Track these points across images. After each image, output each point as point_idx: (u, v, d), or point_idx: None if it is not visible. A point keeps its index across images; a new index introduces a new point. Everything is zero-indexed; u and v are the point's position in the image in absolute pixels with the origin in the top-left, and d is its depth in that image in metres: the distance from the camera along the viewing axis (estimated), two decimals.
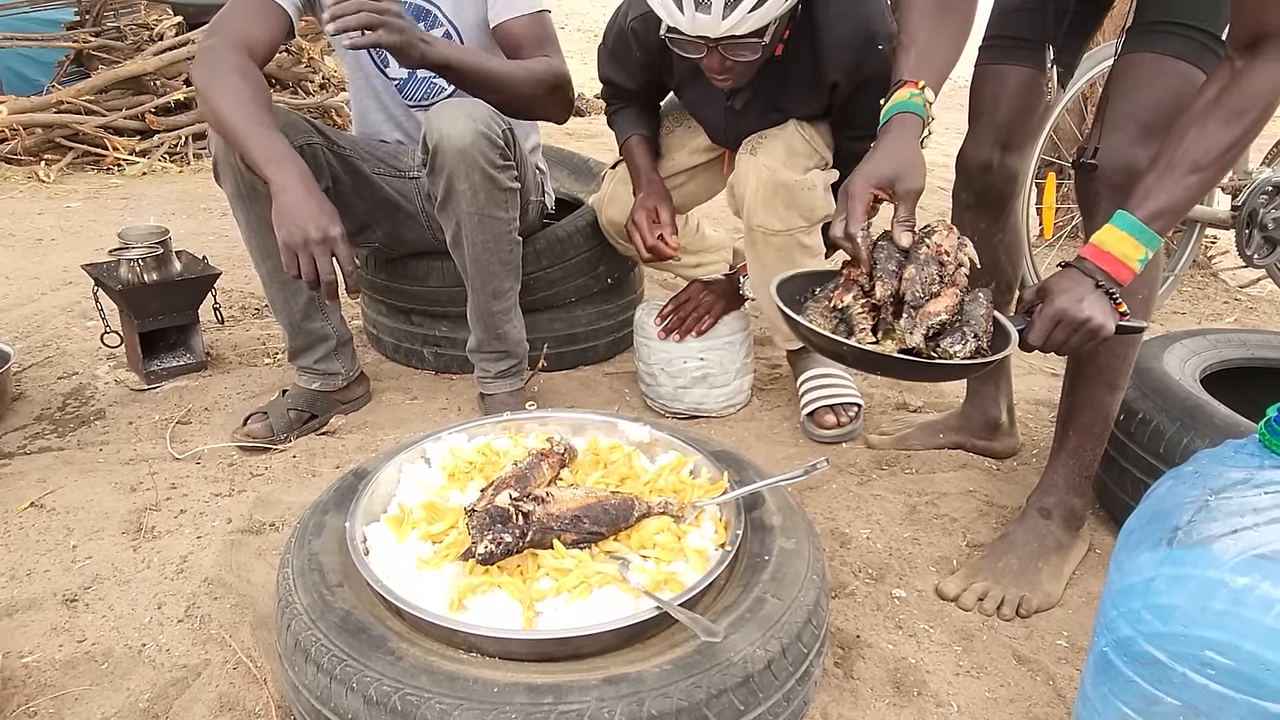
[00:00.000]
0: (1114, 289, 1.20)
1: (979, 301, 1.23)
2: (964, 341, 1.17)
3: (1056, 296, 1.20)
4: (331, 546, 1.17)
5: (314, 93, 4.82)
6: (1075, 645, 1.34)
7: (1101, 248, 1.21)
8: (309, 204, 1.50)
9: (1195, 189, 1.18)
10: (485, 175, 1.67)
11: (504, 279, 1.83)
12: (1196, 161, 1.16)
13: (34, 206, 3.56)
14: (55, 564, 1.47)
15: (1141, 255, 1.19)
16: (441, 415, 2.02)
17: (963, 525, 1.63)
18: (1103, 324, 1.19)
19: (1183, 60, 1.32)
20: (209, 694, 1.21)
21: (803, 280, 1.32)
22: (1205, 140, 1.16)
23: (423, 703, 0.94)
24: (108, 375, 2.16)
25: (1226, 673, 0.83)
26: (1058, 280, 1.22)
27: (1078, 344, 1.22)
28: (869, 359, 1.19)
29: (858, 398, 1.93)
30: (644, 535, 1.15)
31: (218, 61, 1.62)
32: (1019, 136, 1.61)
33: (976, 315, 1.21)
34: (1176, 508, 0.90)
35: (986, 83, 1.60)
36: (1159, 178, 1.18)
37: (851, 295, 1.23)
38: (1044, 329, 1.21)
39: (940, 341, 1.18)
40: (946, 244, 1.24)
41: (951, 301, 1.21)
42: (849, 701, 1.22)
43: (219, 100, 1.58)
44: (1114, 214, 1.20)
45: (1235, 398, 1.56)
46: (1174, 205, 1.18)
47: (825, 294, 1.28)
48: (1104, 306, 1.19)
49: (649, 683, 0.96)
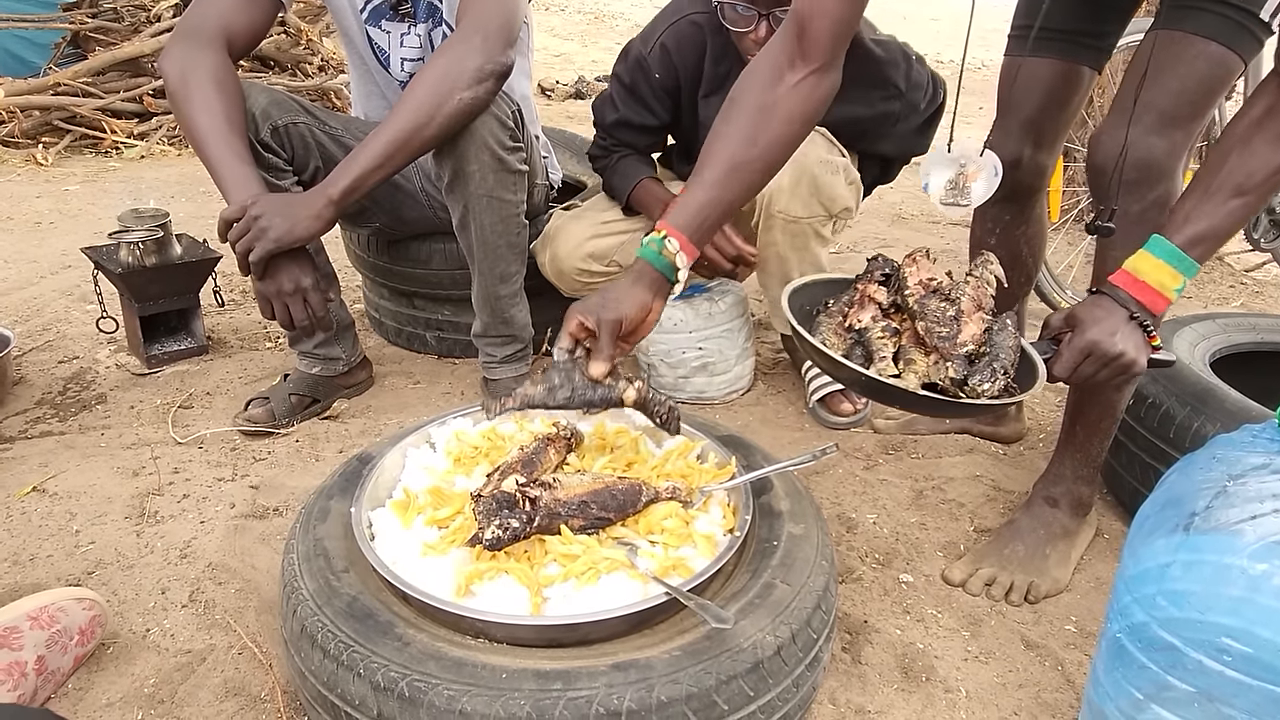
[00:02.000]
0: (1148, 320, 1.12)
1: (1007, 330, 1.15)
2: (994, 379, 1.08)
3: (1088, 327, 1.12)
4: (337, 532, 1.17)
5: (313, 74, 4.78)
6: (1084, 630, 1.34)
7: (1136, 275, 1.13)
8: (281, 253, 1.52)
9: (1239, 214, 1.11)
10: (494, 156, 1.65)
11: (511, 262, 1.82)
12: (1240, 185, 1.09)
13: (32, 190, 3.54)
14: (58, 549, 1.47)
15: (1179, 285, 1.12)
16: (445, 399, 2.01)
17: (970, 510, 1.62)
18: (1135, 359, 1.12)
19: (1214, 41, 1.23)
20: (214, 679, 1.21)
21: (814, 290, 1.27)
22: (1251, 162, 1.09)
23: (430, 689, 0.93)
24: (108, 359, 2.14)
25: (1243, 659, 0.82)
26: (1089, 309, 1.14)
27: (1106, 378, 1.15)
28: (887, 392, 1.11)
29: None
30: (652, 520, 1.14)
31: (192, 67, 1.57)
32: (1050, 132, 1.56)
33: (1005, 347, 1.12)
34: (1193, 493, 0.89)
35: (1017, 76, 1.52)
36: (1199, 202, 1.11)
37: (869, 315, 1.18)
38: (1072, 361, 1.13)
39: (969, 379, 1.09)
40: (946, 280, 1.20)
41: (979, 330, 1.14)
42: (857, 687, 1.22)
43: (194, 116, 1.55)
44: (1150, 239, 1.13)
45: (1245, 382, 1.55)
46: (1215, 232, 1.11)
47: (839, 308, 1.23)
48: (1137, 340, 1.12)
49: (658, 669, 0.95)
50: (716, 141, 1.22)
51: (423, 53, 1.85)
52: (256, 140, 1.65)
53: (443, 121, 1.55)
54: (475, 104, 1.58)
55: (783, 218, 1.77)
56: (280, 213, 1.49)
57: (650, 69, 1.88)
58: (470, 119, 1.60)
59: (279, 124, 1.68)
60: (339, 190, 1.52)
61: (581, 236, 1.95)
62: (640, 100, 1.93)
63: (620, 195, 1.97)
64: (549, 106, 5.77)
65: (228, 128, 1.55)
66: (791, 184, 1.73)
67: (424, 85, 1.54)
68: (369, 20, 1.84)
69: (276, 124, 1.68)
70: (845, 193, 1.78)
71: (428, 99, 1.54)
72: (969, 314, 1.16)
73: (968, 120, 1.53)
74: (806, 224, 1.78)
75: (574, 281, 1.99)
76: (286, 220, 1.49)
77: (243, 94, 1.62)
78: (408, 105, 1.54)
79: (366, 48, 1.87)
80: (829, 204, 1.77)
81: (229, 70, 1.61)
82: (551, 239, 1.97)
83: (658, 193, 1.92)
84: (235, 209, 1.49)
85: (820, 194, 1.75)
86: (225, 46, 1.62)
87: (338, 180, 1.52)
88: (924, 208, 3.74)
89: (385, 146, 1.53)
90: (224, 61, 1.61)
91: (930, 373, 1.11)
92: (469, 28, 1.57)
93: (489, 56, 1.57)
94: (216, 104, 1.55)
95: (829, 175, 1.75)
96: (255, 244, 1.48)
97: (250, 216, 1.48)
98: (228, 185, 1.52)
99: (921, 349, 1.14)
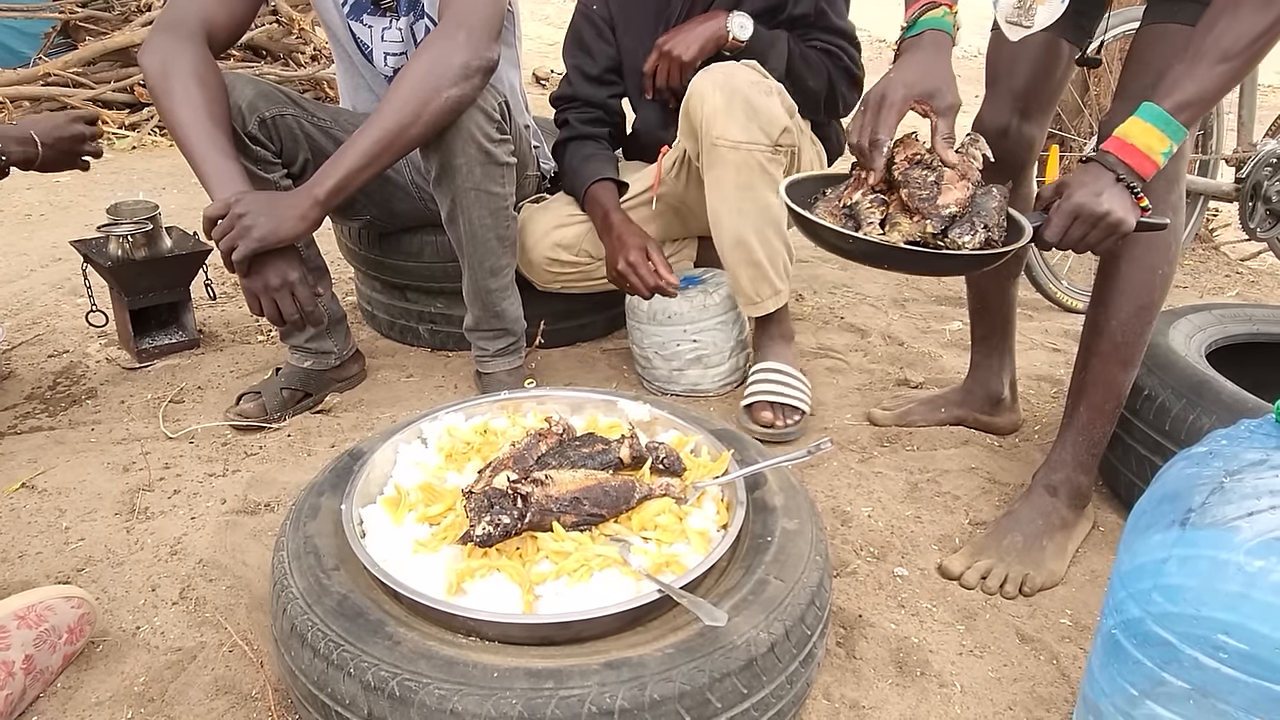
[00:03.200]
0: (1136, 183, 1.16)
1: (991, 195, 1.21)
2: (973, 232, 1.15)
3: (1075, 190, 1.17)
4: (327, 529, 1.16)
5: (305, 64, 4.75)
6: (1079, 624, 1.33)
7: (1125, 140, 1.17)
8: None
9: (1224, 79, 1.14)
10: (481, 149, 1.64)
11: (501, 255, 1.80)
12: (1226, 50, 1.12)
13: (22, 181, 3.51)
14: (47, 546, 1.46)
15: (1166, 148, 1.15)
16: (438, 393, 2.00)
17: (965, 503, 1.62)
18: (1123, 219, 1.16)
19: None
20: (205, 677, 1.20)
21: (811, 184, 1.33)
22: (1237, 26, 1.12)
23: (421, 688, 0.92)
24: (99, 353, 2.13)
25: (1239, 656, 0.81)
26: (1077, 174, 1.19)
27: (1096, 240, 1.19)
28: (876, 252, 1.18)
29: (805, 403, 1.83)
30: (645, 517, 1.13)
31: (173, 60, 1.55)
32: (1036, 103, 1.58)
33: (988, 207, 1.19)
34: (1189, 488, 0.88)
35: (1004, 47, 1.56)
36: (1188, 68, 1.14)
37: (860, 193, 1.23)
38: (1061, 224, 1.19)
39: (949, 231, 1.16)
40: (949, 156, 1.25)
41: (962, 195, 1.19)
42: (851, 682, 1.21)
43: (176, 111, 1.53)
44: (1140, 105, 1.17)
45: (1241, 373, 1.54)
46: (1202, 96, 1.14)
47: (835, 194, 1.28)
48: (1125, 201, 1.17)
49: (651, 667, 0.94)
50: None
51: (405, 46, 1.83)
52: (244, 133, 1.63)
53: (429, 120, 1.54)
54: (462, 100, 1.56)
55: (724, 144, 1.70)
56: (265, 212, 1.47)
57: (589, 4, 1.92)
58: (457, 115, 1.58)
59: (266, 116, 1.66)
60: (325, 191, 1.50)
61: (548, 226, 1.95)
62: (585, 47, 1.97)
63: (575, 194, 1.98)
64: (543, 95, 5.73)
65: (210, 122, 1.52)
66: (725, 105, 1.68)
67: (409, 83, 1.52)
68: (350, 14, 1.82)
69: (264, 116, 1.66)
70: (781, 113, 1.73)
71: (413, 97, 1.52)
72: (952, 181, 1.21)
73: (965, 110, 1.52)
74: (749, 152, 1.70)
75: (544, 273, 1.99)
76: (271, 220, 1.47)
77: (225, 87, 1.60)
78: (393, 103, 1.51)
79: (350, 42, 1.86)
80: (768, 127, 1.70)
81: (210, 63, 1.58)
82: (519, 230, 1.96)
83: (605, 201, 1.92)
84: (219, 206, 1.47)
85: (758, 116, 1.69)
86: (206, 39, 1.60)
87: (324, 180, 1.50)
88: None
89: (372, 145, 1.51)
90: (205, 54, 1.58)
91: (913, 232, 1.17)
92: (452, 22, 1.55)
93: (475, 52, 1.55)
94: (198, 97, 1.53)
95: (762, 96, 1.71)
96: (239, 242, 1.46)
97: (234, 214, 1.46)
98: (211, 181, 1.50)
99: (907, 215, 1.19)
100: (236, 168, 1.52)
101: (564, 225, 1.97)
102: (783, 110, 1.74)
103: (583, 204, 1.97)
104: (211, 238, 1.49)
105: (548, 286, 2.04)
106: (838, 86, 1.92)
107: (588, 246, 1.97)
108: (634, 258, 1.84)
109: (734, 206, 1.75)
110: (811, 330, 2.33)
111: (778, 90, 1.76)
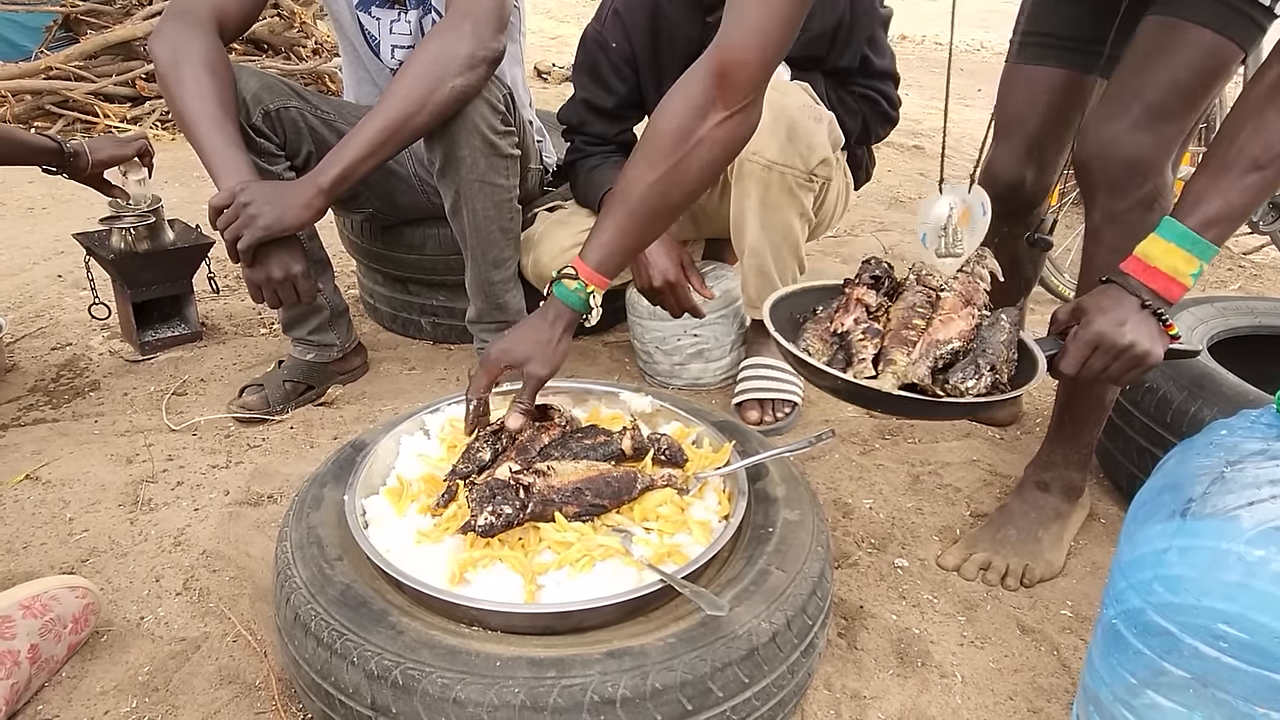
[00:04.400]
0: (1162, 309, 1.05)
1: (999, 326, 1.09)
2: (978, 375, 1.00)
3: (1094, 318, 1.06)
4: (330, 520, 1.16)
5: (307, 58, 4.74)
6: (1080, 615, 1.34)
7: (1147, 261, 1.06)
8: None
9: (1256, 190, 1.03)
10: (486, 141, 1.64)
11: (504, 248, 1.80)
12: (1256, 158, 1.02)
13: (24, 175, 3.50)
14: (51, 537, 1.46)
15: (1195, 269, 1.04)
16: (440, 386, 2.00)
17: (966, 495, 1.62)
18: (1149, 350, 1.05)
19: (1208, 29, 1.16)
20: (209, 667, 1.21)
21: (805, 298, 1.21)
22: (1266, 134, 1.02)
23: (424, 677, 0.93)
24: (102, 346, 2.13)
25: (1239, 645, 0.81)
26: (1096, 299, 1.08)
27: (1119, 372, 1.07)
28: (866, 396, 1.04)
29: (796, 395, 1.84)
30: (647, 507, 1.13)
31: (184, 48, 1.54)
32: (1053, 149, 1.49)
33: (995, 342, 1.05)
34: (1190, 479, 0.88)
35: (1017, 87, 1.45)
36: (1212, 179, 1.04)
37: (854, 318, 1.11)
38: (1080, 355, 1.07)
39: (950, 376, 1.02)
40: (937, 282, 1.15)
41: (966, 326, 1.07)
42: (853, 673, 1.22)
43: (185, 99, 1.52)
44: (1161, 222, 1.07)
45: (1242, 366, 1.54)
46: (1231, 211, 1.04)
47: (827, 314, 1.16)
48: (1150, 329, 1.05)
49: (653, 656, 0.95)
50: (633, 170, 1.19)
51: (414, 39, 1.83)
52: (248, 125, 1.63)
53: (434, 109, 1.54)
54: (467, 91, 1.56)
55: (759, 161, 1.66)
56: (270, 200, 1.47)
57: (606, 41, 1.87)
58: (462, 106, 1.58)
59: (270, 108, 1.66)
60: (329, 179, 1.50)
61: (565, 243, 1.91)
62: (601, 80, 1.91)
63: (590, 203, 1.95)
64: (545, 89, 5.73)
65: (219, 111, 1.52)
66: (770, 125, 1.62)
67: (414, 72, 1.52)
68: (360, 6, 1.82)
69: (268, 108, 1.66)
70: (824, 143, 1.68)
71: (418, 86, 1.52)
72: (954, 309, 1.09)
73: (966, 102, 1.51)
74: (780, 174, 1.67)
75: None
76: (276, 209, 1.47)
77: (234, 77, 1.60)
78: (398, 93, 1.51)
79: (358, 34, 1.85)
80: (806, 153, 1.66)
81: (221, 52, 1.58)
82: (535, 244, 1.94)
83: None
84: (224, 195, 1.47)
85: (798, 140, 1.65)
86: (217, 28, 1.59)
87: (328, 169, 1.50)
88: (921, 190, 3.73)
89: (376, 135, 1.51)
90: (216, 43, 1.58)
91: (909, 374, 1.03)
92: (458, 13, 1.55)
93: (480, 42, 1.55)
94: (208, 87, 1.53)
95: (810, 121, 1.67)
96: (244, 231, 1.46)
97: (239, 203, 1.46)
98: (217, 170, 1.50)
99: (905, 347, 1.06)
100: (244, 158, 1.52)
101: (581, 243, 1.93)
102: (827, 140, 1.70)
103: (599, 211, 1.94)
104: (216, 227, 1.49)
105: None
106: (872, 127, 1.92)
107: None
108: (674, 276, 1.77)
109: (756, 219, 1.73)
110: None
111: (829, 120, 1.73)
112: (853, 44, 1.81)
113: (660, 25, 1.85)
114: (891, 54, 1.92)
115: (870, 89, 1.88)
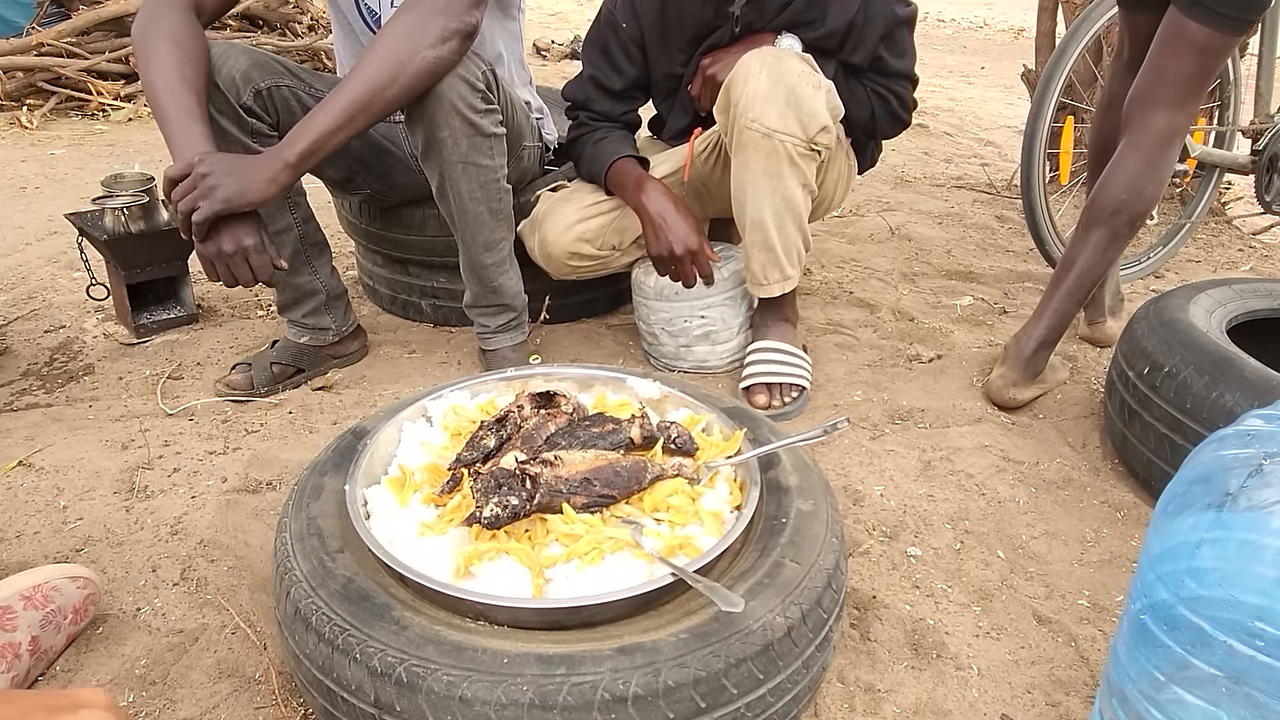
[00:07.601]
0: None
1: None
2: None
3: None
4: (331, 510, 1.13)
5: (303, 34, 4.68)
6: (1097, 605, 1.31)
7: None
8: None
9: None
10: (466, 121, 1.59)
11: (495, 230, 1.76)
12: None
13: (17, 154, 3.46)
14: (45, 525, 1.43)
15: None
16: (441, 369, 1.96)
17: (978, 481, 1.59)
18: None
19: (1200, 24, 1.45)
20: (207, 659, 1.18)
21: None
22: None
23: (429, 674, 0.90)
24: (96, 329, 2.10)
25: (1274, 643, 0.79)
26: None
27: None
28: None
29: (804, 378, 1.82)
30: (657, 498, 1.10)
31: (155, 22, 1.50)
32: None
33: None
34: (1225, 470, 0.85)
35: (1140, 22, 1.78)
36: None
37: None
38: None
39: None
40: None
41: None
42: (866, 664, 1.19)
43: (149, 73, 1.48)
44: None
45: (1262, 349, 1.51)
46: None
47: None
48: None
49: (665, 652, 0.92)
50: None
51: None
52: (239, 105, 1.59)
53: (406, 82, 1.49)
54: (439, 64, 1.51)
55: (758, 129, 1.62)
56: (231, 173, 1.41)
57: (617, 21, 1.85)
58: (435, 79, 1.53)
59: (262, 87, 1.62)
60: (296, 154, 1.45)
61: (570, 220, 1.87)
62: (610, 60, 1.88)
63: (597, 179, 1.91)
64: (544, 66, 5.67)
65: (178, 83, 1.47)
66: (767, 90, 1.61)
67: (385, 44, 1.48)
68: None
69: (259, 87, 1.61)
70: (823, 110, 1.64)
71: (390, 58, 1.47)
72: None
73: (969, 80, 1.48)
74: (780, 141, 1.63)
75: (563, 265, 1.92)
76: (238, 182, 1.41)
77: (205, 51, 1.54)
78: (369, 64, 1.47)
79: (352, 8, 1.80)
80: (806, 120, 1.63)
81: (190, 26, 1.53)
82: (540, 223, 1.90)
83: (630, 171, 1.85)
84: (181, 166, 1.41)
85: (798, 108, 1.62)
86: (194, 5, 1.55)
87: (294, 143, 1.45)
88: (926, 170, 3.68)
89: (346, 107, 1.46)
90: (187, 19, 1.53)
91: None
92: None
93: (454, 15, 1.50)
94: (170, 60, 1.47)
95: (808, 88, 1.63)
96: (200, 203, 1.40)
97: (198, 174, 1.40)
98: (174, 141, 1.44)
99: None
100: (203, 129, 1.46)
101: (587, 218, 1.90)
102: (825, 107, 1.66)
103: (605, 183, 1.90)
104: (170, 200, 1.43)
105: (564, 278, 1.98)
106: (880, 124, 1.88)
107: (611, 239, 1.92)
108: (696, 244, 1.79)
109: (758, 191, 1.69)
110: (820, 305, 2.30)
111: (827, 87, 1.69)
112: (864, 45, 1.78)
113: (669, 7, 1.82)
114: (912, 54, 1.86)
115: (882, 87, 1.84)
